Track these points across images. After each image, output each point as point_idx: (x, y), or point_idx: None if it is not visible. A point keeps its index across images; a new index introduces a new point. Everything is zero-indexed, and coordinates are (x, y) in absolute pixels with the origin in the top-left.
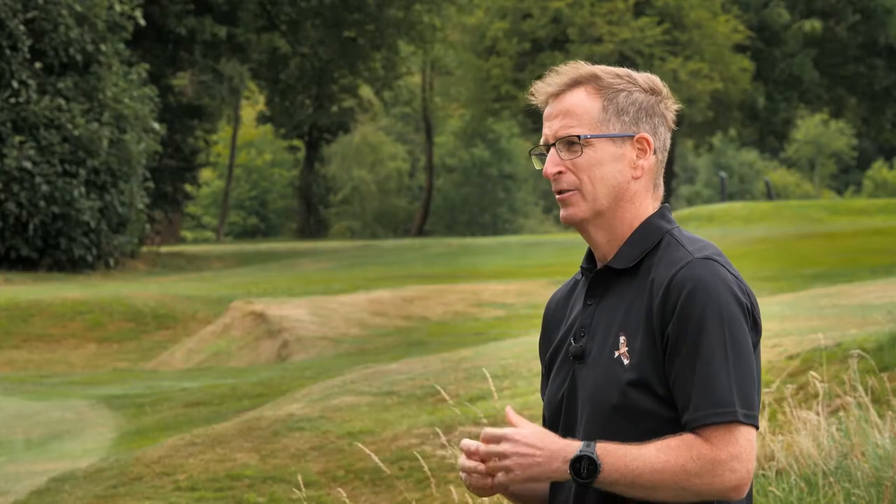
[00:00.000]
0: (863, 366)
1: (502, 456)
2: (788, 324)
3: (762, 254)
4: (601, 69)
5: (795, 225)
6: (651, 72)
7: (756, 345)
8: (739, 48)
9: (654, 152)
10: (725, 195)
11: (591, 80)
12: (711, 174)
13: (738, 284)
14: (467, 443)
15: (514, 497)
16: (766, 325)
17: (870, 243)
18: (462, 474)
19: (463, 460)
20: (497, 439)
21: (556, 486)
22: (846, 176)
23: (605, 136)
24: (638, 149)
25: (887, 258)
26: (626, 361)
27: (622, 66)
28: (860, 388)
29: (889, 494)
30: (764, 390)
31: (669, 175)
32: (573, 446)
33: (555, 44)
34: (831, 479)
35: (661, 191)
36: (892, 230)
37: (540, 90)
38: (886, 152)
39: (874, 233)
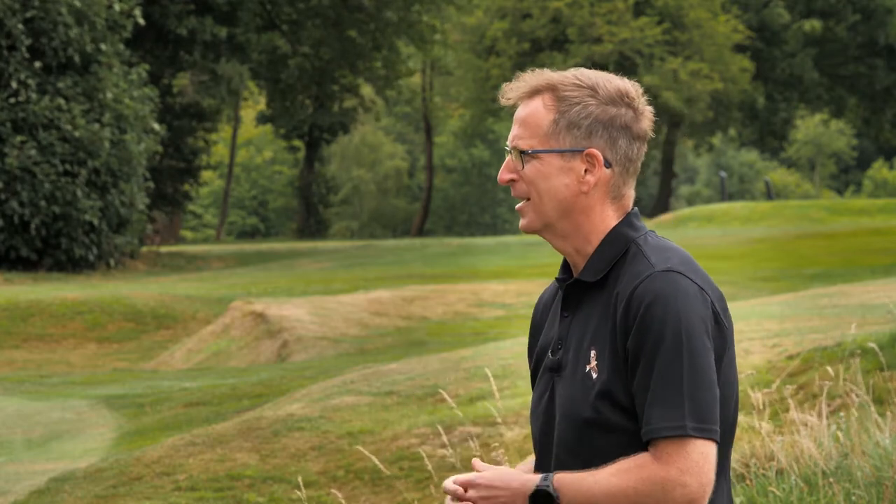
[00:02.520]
0: (863, 365)
1: (472, 501)
2: (788, 324)
3: (762, 254)
4: (562, 80)
5: (795, 225)
6: (651, 72)
7: (723, 351)
8: (739, 48)
9: (609, 165)
10: (725, 195)
11: (549, 91)
12: (711, 174)
13: (699, 295)
14: (450, 486)
15: None
16: (766, 326)
17: (870, 243)
18: None
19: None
20: (464, 487)
21: None
22: (846, 176)
23: (549, 151)
24: (587, 163)
25: (887, 258)
26: (595, 376)
27: (622, 66)
28: (861, 387)
29: (889, 494)
30: (764, 390)
31: (669, 175)
32: (532, 481)
33: (554, 44)
34: (831, 479)
35: (626, 200)
36: (892, 230)
37: (507, 94)
38: (886, 152)
39: (874, 233)
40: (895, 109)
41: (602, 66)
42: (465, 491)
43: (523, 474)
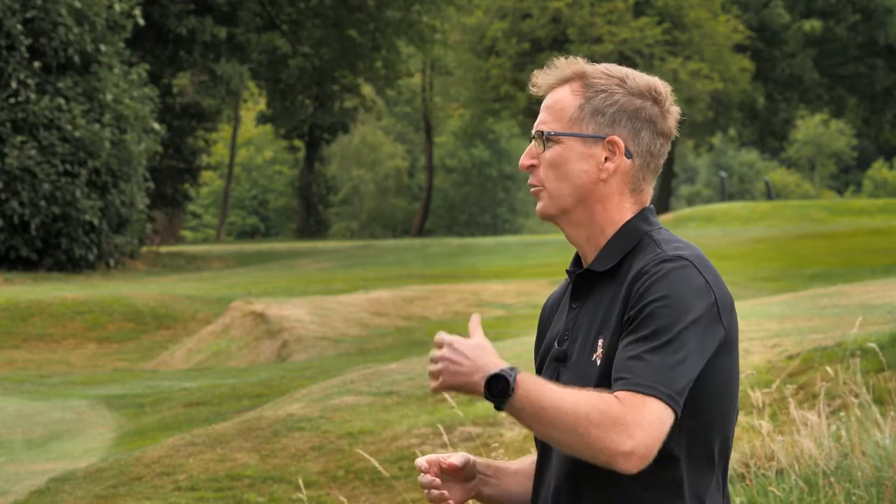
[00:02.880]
0: (863, 365)
1: (440, 360)
2: (788, 324)
3: (762, 254)
4: (592, 68)
5: (795, 225)
6: (651, 72)
7: (718, 345)
8: (739, 48)
9: (630, 156)
10: (725, 195)
11: (578, 78)
12: (711, 174)
13: (704, 286)
14: (421, 462)
15: (488, 502)
16: (766, 326)
17: (870, 243)
18: (425, 490)
19: (420, 476)
20: (441, 345)
21: (536, 487)
22: (846, 176)
23: (571, 134)
24: (608, 150)
25: (887, 258)
26: (599, 363)
27: (622, 66)
28: (861, 387)
29: (889, 494)
30: (764, 390)
31: (669, 175)
32: (498, 364)
33: (554, 44)
34: (832, 479)
35: (644, 195)
36: (892, 230)
37: (536, 83)
38: (886, 152)
39: (874, 233)
40: (895, 109)
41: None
42: (442, 347)
43: (497, 356)
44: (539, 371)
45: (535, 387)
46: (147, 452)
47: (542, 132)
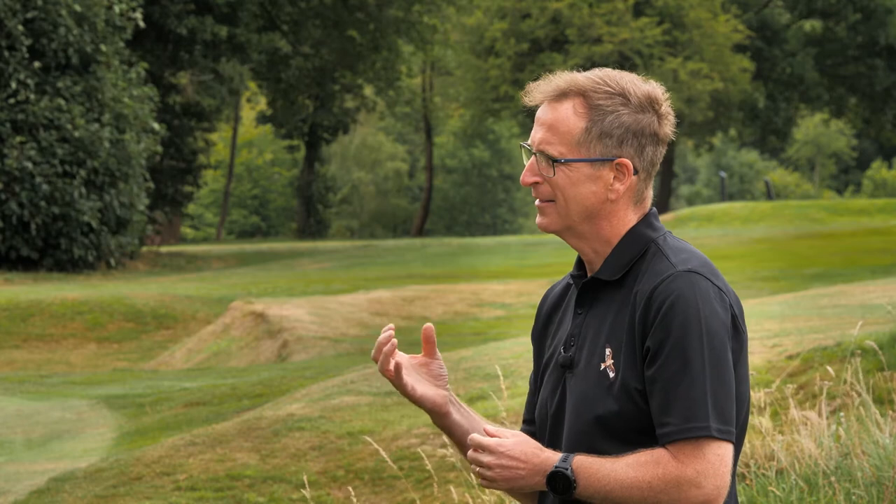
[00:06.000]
0: (863, 365)
1: (486, 467)
2: (788, 324)
3: (762, 254)
4: (594, 85)
5: (795, 225)
6: (650, 72)
7: (739, 353)
8: (739, 48)
9: (636, 172)
10: (725, 195)
11: (579, 96)
12: (711, 174)
13: (719, 297)
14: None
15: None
16: (767, 326)
17: (870, 243)
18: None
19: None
20: (481, 449)
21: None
22: (846, 176)
23: (581, 160)
24: (617, 171)
25: (887, 258)
26: (611, 374)
27: (622, 67)
28: (861, 387)
29: (889, 494)
30: (764, 390)
31: (669, 175)
32: (552, 461)
33: (554, 44)
34: (832, 479)
35: (646, 202)
36: (892, 230)
37: (532, 93)
38: (886, 152)
39: (874, 233)
40: (895, 109)
41: (602, 67)
42: (481, 452)
43: (543, 449)
44: (543, 374)
45: (592, 469)
46: (147, 452)
47: (551, 157)
